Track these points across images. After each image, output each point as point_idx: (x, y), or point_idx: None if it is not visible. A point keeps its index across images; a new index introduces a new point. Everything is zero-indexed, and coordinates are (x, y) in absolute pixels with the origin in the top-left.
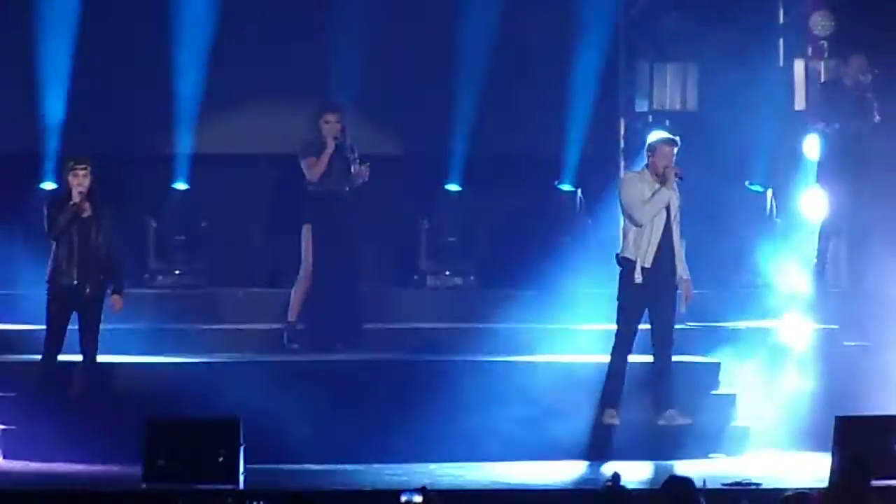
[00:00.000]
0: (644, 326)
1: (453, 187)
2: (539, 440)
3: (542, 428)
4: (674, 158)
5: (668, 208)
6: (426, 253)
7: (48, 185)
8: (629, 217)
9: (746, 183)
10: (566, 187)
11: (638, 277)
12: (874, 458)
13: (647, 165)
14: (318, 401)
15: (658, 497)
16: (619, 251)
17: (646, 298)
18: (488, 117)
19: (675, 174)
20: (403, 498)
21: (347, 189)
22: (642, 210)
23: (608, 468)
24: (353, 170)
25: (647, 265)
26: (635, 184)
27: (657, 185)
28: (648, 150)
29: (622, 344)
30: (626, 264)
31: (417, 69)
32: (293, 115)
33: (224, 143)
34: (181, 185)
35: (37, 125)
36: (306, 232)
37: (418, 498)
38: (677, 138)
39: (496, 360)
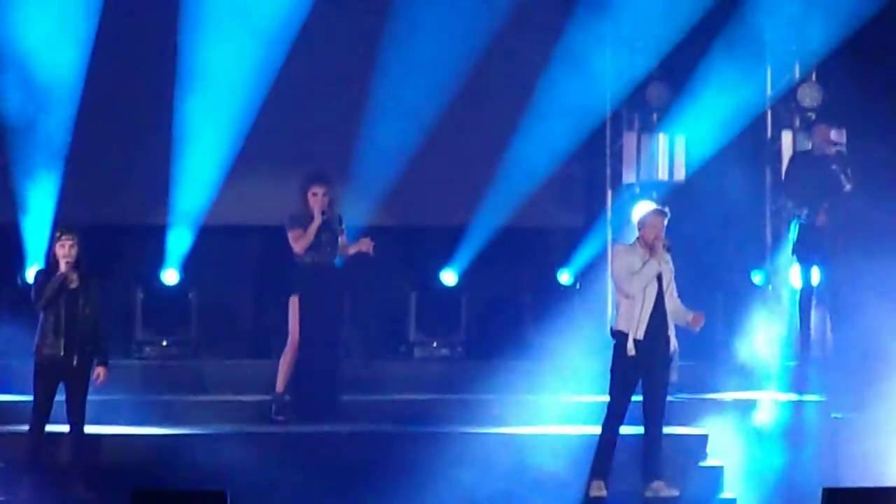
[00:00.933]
0: (636, 398)
1: (450, 277)
2: None
3: (530, 501)
4: (664, 229)
5: (659, 279)
6: (415, 324)
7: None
8: (620, 289)
9: (752, 275)
10: (566, 278)
11: (631, 350)
12: None
13: (638, 238)
14: (305, 473)
15: None
16: (612, 323)
17: (638, 371)
18: (476, 191)
19: (664, 245)
20: None
21: (335, 260)
22: (631, 282)
23: None
24: (340, 241)
25: (640, 337)
26: (625, 256)
27: (647, 257)
28: (638, 223)
29: (614, 416)
30: (619, 337)
31: (408, 142)
32: (283, 187)
33: (214, 214)
34: (172, 274)
35: (26, 195)
36: (293, 303)
37: None
38: (666, 209)
39: (485, 431)
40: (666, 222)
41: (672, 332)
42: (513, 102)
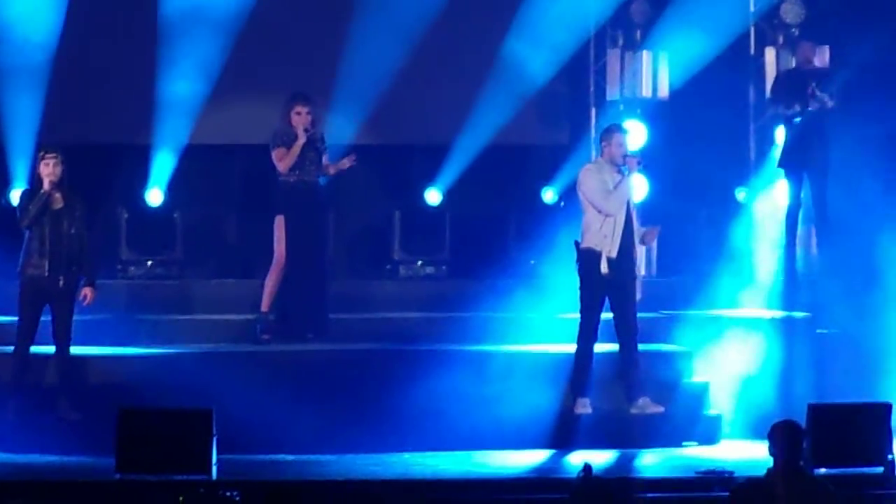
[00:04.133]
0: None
1: (434, 196)
2: (511, 429)
3: (514, 417)
4: (626, 146)
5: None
6: (399, 243)
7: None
8: (596, 208)
9: (736, 192)
10: (550, 195)
11: (604, 268)
12: (847, 445)
13: (601, 155)
14: (291, 392)
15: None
16: (580, 242)
17: (609, 288)
18: (460, 109)
19: (637, 162)
20: None
21: (319, 179)
22: (608, 200)
23: (580, 457)
24: (323, 161)
25: (613, 256)
26: (597, 174)
27: (616, 175)
28: (603, 139)
29: (588, 333)
30: (588, 255)
31: (391, 61)
32: (267, 106)
33: (198, 134)
34: (157, 194)
35: (9, 115)
36: (279, 223)
37: None
38: (626, 125)
39: (469, 349)
40: (627, 138)
41: (638, 251)
42: (497, 20)
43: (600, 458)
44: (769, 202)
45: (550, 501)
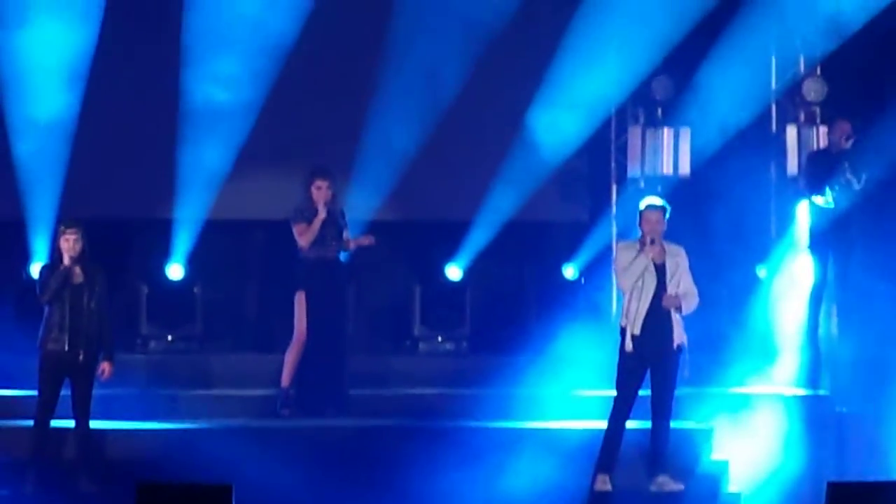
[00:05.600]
0: (645, 392)
1: (455, 272)
2: None
3: (534, 494)
4: (663, 224)
5: (661, 272)
6: (419, 319)
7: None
8: (617, 284)
9: (757, 269)
10: (571, 272)
11: (628, 346)
12: None
13: (641, 234)
14: (310, 468)
15: None
16: (617, 319)
17: (642, 364)
18: (481, 185)
19: (650, 240)
20: None
21: (339, 255)
22: (622, 277)
23: None
24: (344, 236)
25: (637, 333)
26: (624, 252)
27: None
28: (638, 218)
29: (619, 411)
30: (621, 333)
31: (413, 137)
32: (288, 181)
33: (218, 209)
34: (177, 269)
35: (30, 190)
36: (299, 298)
37: None
38: (663, 203)
39: (489, 426)
40: (665, 217)
41: (677, 327)
42: (518, 97)
43: None
44: (789, 279)
45: None
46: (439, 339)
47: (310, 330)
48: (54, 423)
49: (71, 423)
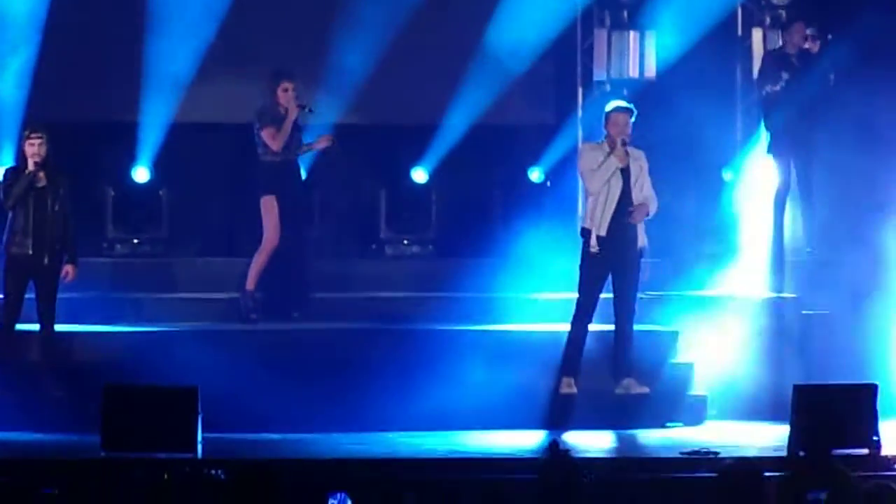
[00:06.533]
0: (607, 295)
1: (420, 175)
2: (497, 409)
3: (500, 397)
4: (629, 126)
5: (626, 176)
6: (385, 222)
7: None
8: (584, 186)
9: (723, 172)
10: (537, 175)
11: (594, 247)
12: (832, 427)
13: (605, 136)
14: (277, 370)
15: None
16: (581, 221)
17: (605, 267)
18: (446, 89)
19: (621, 142)
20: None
21: (297, 157)
22: (591, 179)
23: (566, 437)
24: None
25: (603, 234)
26: (590, 154)
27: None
28: (605, 120)
29: (581, 313)
30: (584, 234)
31: (378, 41)
32: (253, 84)
33: (184, 112)
34: (143, 172)
35: None
36: (267, 203)
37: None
38: (630, 106)
39: (455, 328)
40: (631, 119)
41: (640, 229)
42: (484, 0)
43: (584, 439)
44: (754, 182)
45: (532, 481)
46: (405, 242)
47: (281, 233)
48: (20, 326)
49: (36, 327)
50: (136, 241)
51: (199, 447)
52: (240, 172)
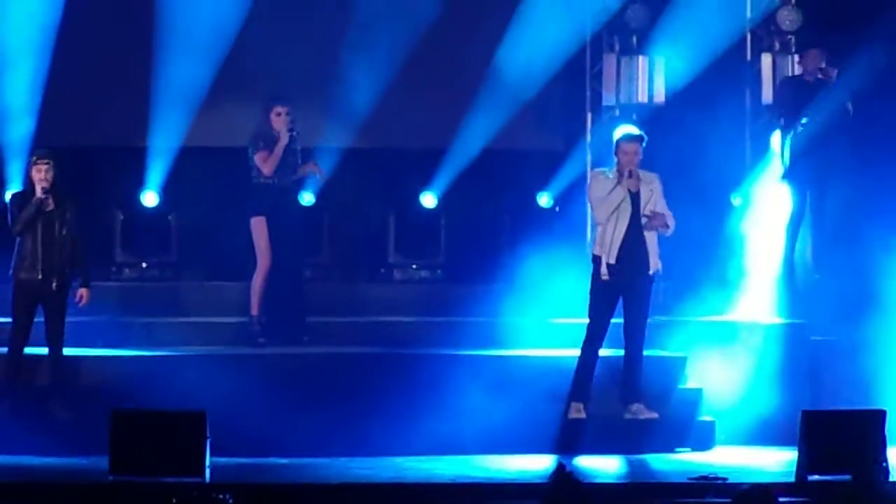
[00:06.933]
0: (618, 320)
1: (429, 200)
2: (507, 434)
3: (509, 422)
4: (640, 154)
5: (637, 201)
6: (394, 247)
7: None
8: (593, 215)
9: (732, 197)
10: (545, 200)
11: (604, 274)
12: (840, 453)
13: (616, 163)
14: (285, 395)
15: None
16: (590, 247)
17: (615, 293)
18: (456, 113)
19: (628, 172)
20: None
21: (293, 182)
22: (598, 208)
23: (575, 462)
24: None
25: (612, 261)
26: (597, 181)
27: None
28: (615, 148)
29: (592, 339)
30: (594, 261)
31: (388, 65)
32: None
33: (193, 137)
34: (152, 196)
35: (3, 118)
36: (257, 224)
37: None
38: (640, 133)
39: (464, 353)
40: (641, 147)
41: (652, 254)
42: (493, 24)
43: (593, 463)
44: (763, 208)
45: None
46: (414, 266)
47: (273, 256)
48: (28, 350)
49: (44, 351)
50: (144, 265)
51: (208, 471)
52: (246, 197)
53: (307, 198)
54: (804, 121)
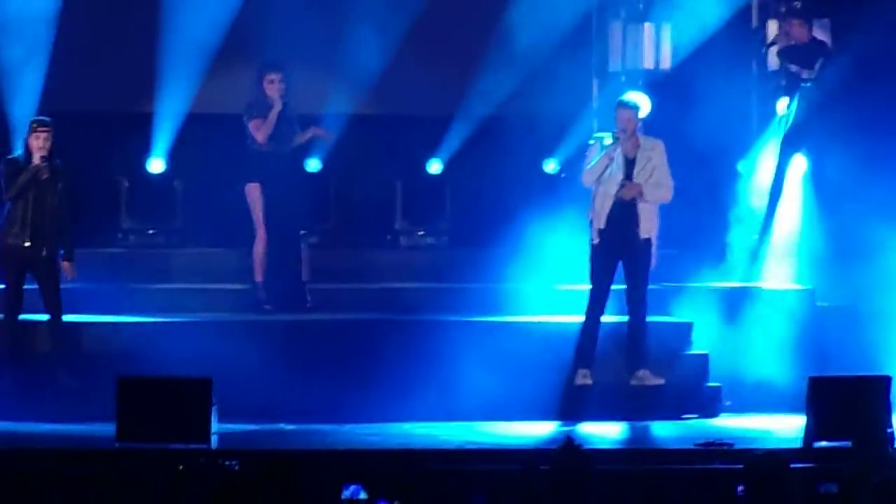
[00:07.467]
0: (622, 286)
1: (435, 166)
2: (513, 400)
3: (515, 388)
4: (634, 121)
5: (631, 167)
6: (401, 213)
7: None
8: None
9: (738, 164)
10: (552, 167)
11: (595, 239)
12: (846, 419)
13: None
14: (292, 361)
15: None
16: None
17: (611, 257)
18: (462, 80)
19: (614, 135)
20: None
21: (290, 148)
22: (585, 173)
23: (581, 428)
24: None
25: (602, 226)
26: (596, 148)
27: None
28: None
29: (593, 304)
30: (589, 226)
31: (394, 31)
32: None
33: (200, 103)
34: (158, 163)
35: (11, 84)
36: (253, 192)
37: (363, 494)
38: (631, 101)
39: (470, 319)
40: (636, 115)
41: (644, 220)
42: None
43: (599, 430)
44: (769, 174)
45: (546, 472)
46: (420, 233)
47: (268, 224)
48: (28, 316)
49: (44, 317)
50: (150, 231)
51: (214, 438)
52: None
53: (313, 164)
54: (805, 86)
